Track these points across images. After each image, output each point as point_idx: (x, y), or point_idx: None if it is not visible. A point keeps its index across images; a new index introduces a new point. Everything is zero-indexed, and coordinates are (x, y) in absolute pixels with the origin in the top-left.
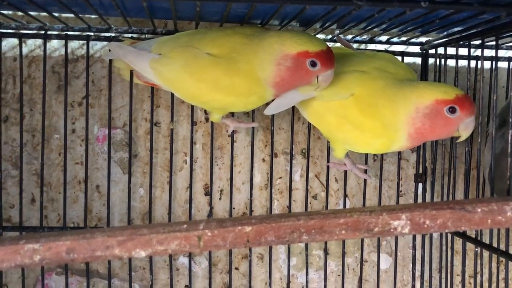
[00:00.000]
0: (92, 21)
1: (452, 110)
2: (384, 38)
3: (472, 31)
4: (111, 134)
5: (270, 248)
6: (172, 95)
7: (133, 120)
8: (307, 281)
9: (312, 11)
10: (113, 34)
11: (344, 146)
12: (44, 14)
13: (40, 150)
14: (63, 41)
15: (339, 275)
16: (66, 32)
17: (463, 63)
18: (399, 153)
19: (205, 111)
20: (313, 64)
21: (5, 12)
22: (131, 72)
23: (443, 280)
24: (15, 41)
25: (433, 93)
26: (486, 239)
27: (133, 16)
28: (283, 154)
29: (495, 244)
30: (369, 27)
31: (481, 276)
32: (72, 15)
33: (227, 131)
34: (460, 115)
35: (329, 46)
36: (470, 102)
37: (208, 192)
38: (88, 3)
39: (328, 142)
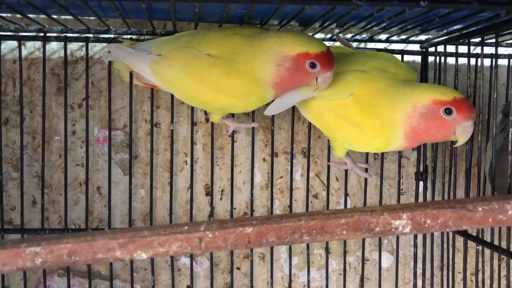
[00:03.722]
0: (91, 22)
1: (448, 112)
2: (383, 36)
3: (472, 29)
4: (112, 135)
5: (272, 247)
6: (172, 96)
7: (133, 121)
8: (308, 280)
9: (311, 11)
10: (112, 36)
11: (344, 145)
12: (43, 16)
13: (40, 152)
14: (62, 43)
15: (340, 274)
16: (65, 34)
17: (463, 61)
18: (400, 151)
19: (205, 111)
20: (313, 66)
21: (4, 14)
22: (131, 74)
23: (445, 278)
24: (14, 43)
25: (431, 93)
26: (487, 237)
27: (132, 17)
28: (283, 153)
29: (496, 242)
30: (369, 26)
31: (483, 274)
32: (71, 17)
33: (227, 131)
34: (457, 118)
35: (329, 47)
36: (468, 106)
37: (209, 193)
38: (87, 5)
39: (328, 141)
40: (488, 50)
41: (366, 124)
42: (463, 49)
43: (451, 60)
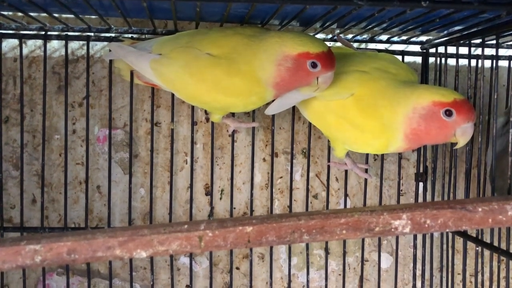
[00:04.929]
0: (92, 21)
1: (448, 113)
2: (384, 37)
3: (472, 30)
4: (112, 134)
5: (271, 247)
6: (173, 95)
7: (133, 120)
8: (308, 281)
9: (312, 11)
10: (113, 35)
11: (344, 146)
12: (44, 14)
13: (40, 150)
14: (63, 42)
15: (340, 275)
16: (66, 33)
17: (463, 62)
18: (400, 152)
19: (206, 111)
20: (314, 65)
21: (5, 13)
22: (132, 73)
23: (444, 279)
24: (15, 41)
25: (431, 95)
26: (487, 238)
27: (133, 16)
28: (283, 153)
29: (496, 243)
30: (370, 27)
31: (482, 275)
32: (72, 15)
33: (227, 131)
34: (457, 119)
35: (330, 47)
36: (468, 107)
37: (209, 192)
38: (88, 4)
39: (328, 141)
40: (489, 51)
41: (366, 125)
42: (463, 50)
43: (451, 61)
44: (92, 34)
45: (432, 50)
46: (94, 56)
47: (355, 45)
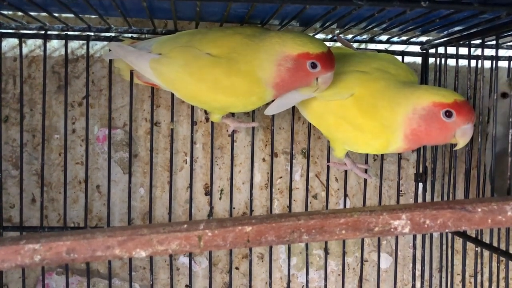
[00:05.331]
0: (92, 21)
1: (448, 114)
2: (384, 37)
3: (472, 31)
4: (111, 134)
5: (271, 247)
6: (172, 95)
7: (133, 120)
8: (307, 281)
9: (312, 11)
10: (113, 34)
11: (344, 146)
12: (44, 14)
13: (40, 150)
14: (63, 41)
15: (339, 275)
16: (66, 32)
17: (463, 62)
18: (400, 152)
19: (205, 111)
20: (314, 66)
21: (5, 12)
22: (131, 72)
23: (444, 280)
24: (15, 41)
25: (431, 95)
26: (486, 239)
27: (133, 16)
28: (283, 153)
29: (495, 244)
30: (369, 27)
31: (482, 276)
32: (72, 15)
33: (227, 130)
34: (457, 121)
35: (330, 47)
36: (468, 109)
37: (209, 192)
38: (88, 4)
39: (328, 141)
40: (489, 52)
41: (366, 125)
42: (463, 50)
43: (451, 62)
44: (92, 33)
45: (432, 51)
46: (94, 55)
47: (355, 45)
